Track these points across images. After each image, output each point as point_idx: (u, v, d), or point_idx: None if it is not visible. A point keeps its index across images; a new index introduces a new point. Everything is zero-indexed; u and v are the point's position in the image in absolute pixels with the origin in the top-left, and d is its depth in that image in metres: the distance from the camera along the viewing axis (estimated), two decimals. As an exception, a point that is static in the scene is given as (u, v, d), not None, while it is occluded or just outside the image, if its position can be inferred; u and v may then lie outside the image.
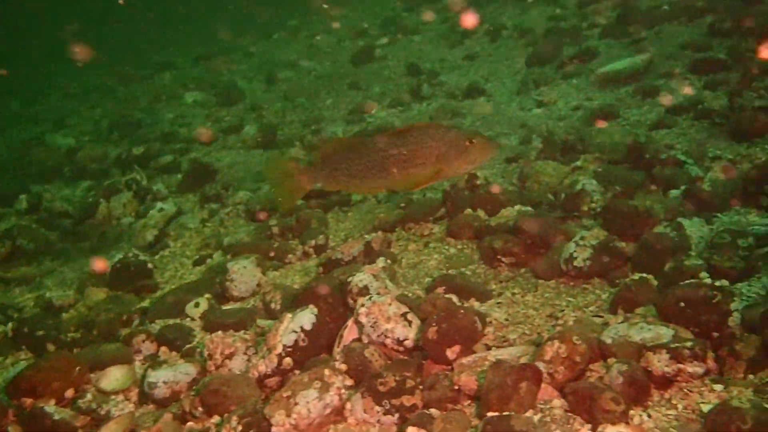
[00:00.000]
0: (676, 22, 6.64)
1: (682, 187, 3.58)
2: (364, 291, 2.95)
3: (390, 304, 2.76)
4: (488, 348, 2.72)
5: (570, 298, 3.03)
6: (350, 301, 2.95)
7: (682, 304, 2.36)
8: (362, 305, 2.76)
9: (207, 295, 3.40)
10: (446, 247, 3.69)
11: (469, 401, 2.39)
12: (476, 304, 3.08)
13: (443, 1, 11.44)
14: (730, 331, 2.30)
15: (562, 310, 2.94)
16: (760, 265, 2.75)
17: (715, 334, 2.31)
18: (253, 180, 5.70)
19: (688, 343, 2.21)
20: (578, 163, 4.19)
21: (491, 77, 7.32)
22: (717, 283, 2.37)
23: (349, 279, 2.99)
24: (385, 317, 2.73)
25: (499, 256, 3.40)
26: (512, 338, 2.79)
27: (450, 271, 3.45)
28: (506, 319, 2.94)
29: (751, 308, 2.36)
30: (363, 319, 2.74)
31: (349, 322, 2.82)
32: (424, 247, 3.74)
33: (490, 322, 2.93)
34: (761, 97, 4.04)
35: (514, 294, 3.16)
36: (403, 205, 4.23)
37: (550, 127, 4.53)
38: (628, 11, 7.46)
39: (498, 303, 3.10)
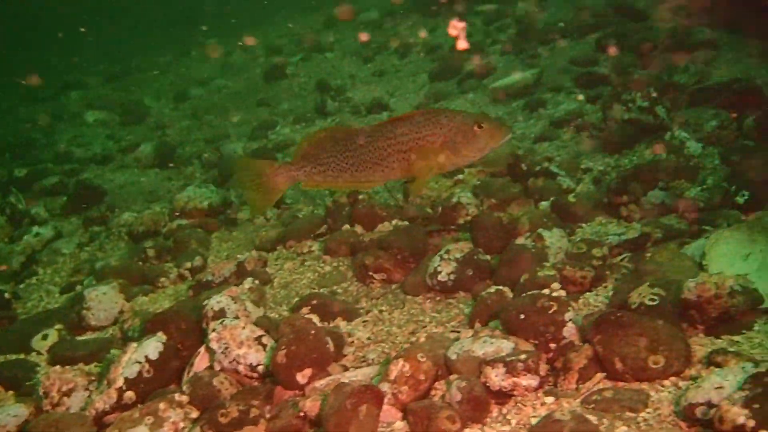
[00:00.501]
0: (568, 39, 6.88)
1: (552, 199, 3.64)
2: (220, 315, 2.81)
3: (243, 328, 2.63)
4: (345, 369, 2.64)
5: (435, 314, 2.99)
6: (205, 326, 2.80)
7: (522, 315, 2.35)
8: (213, 330, 2.62)
9: (58, 326, 3.16)
10: (321, 265, 3.59)
11: (315, 428, 2.29)
12: (342, 324, 3.00)
13: (359, 19, 11.55)
14: (566, 341, 2.30)
15: (425, 326, 2.89)
16: (607, 273, 2.80)
17: (553, 345, 2.31)
18: (144, 200, 5.45)
19: (523, 356, 2.19)
20: (461, 176, 4.20)
21: (396, 92, 7.35)
22: (554, 294, 2.38)
23: (205, 302, 2.84)
24: (237, 342, 2.59)
25: (370, 273, 3.33)
26: (372, 358, 2.71)
27: (322, 290, 3.36)
28: (368, 338, 2.87)
29: (590, 317, 2.37)
30: (214, 345, 2.59)
31: (201, 349, 2.67)
32: (300, 266, 3.64)
33: (352, 342, 2.85)
34: (630, 111, 4.18)
35: (381, 311, 3.09)
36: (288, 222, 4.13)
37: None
38: (526, 28, 7.72)
39: (364, 321, 3.03)
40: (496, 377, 2.17)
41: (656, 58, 5.71)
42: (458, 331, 2.75)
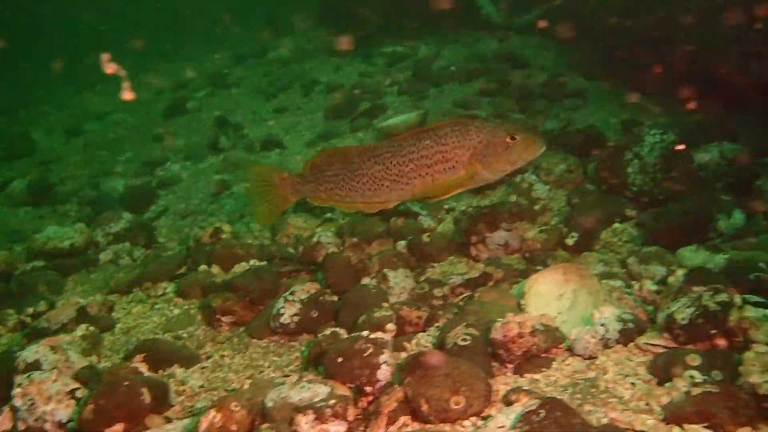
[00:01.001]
0: (457, 82, 7.16)
1: (409, 238, 3.69)
2: (34, 367, 2.62)
3: (54, 381, 2.46)
4: (168, 421, 2.51)
5: (276, 358, 2.92)
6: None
7: (340, 359, 2.33)
8: (18, 385, 2.44)
9: None
10: (171, 308, 3.46)
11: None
12: (179, 371, 2.87)
13: (268, 56, 11.59)
14: (381, 384, 2.29)
15: (262, 372, 2.81)
16: (440, 313, 2.84)
17: (369, 389, 2.29)
18: (7, 240, 5.10)
19: (332, 401, 2.15)
20: (329, 215, 4.20)
21: (292, 130, 7.35)
22: (372, 336, 2.37)
23: (17, 353, 2.64)
24: (45, 397, 2.42)
25: (218, 316, 3.23)
26: (201, 407, 2.60)
27: (167, 335, 3.22)
28: (201, 386, 2.75)
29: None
30: (18, 402, 2.41)
31: (6, 408, 2.47)
32: (150, 309, 3.48)
33: (184, 391, 2.73)
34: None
35: (223, 356, 2.99)
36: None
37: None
38: (420, 71, 7.98)
39: (202, 368, 2.91)
40: (306, 424, 2.12)
41: (533, 104, 6.02)
42: (288, 376, 2.70)
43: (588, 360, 2.32)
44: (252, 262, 3.64)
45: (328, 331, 2.74)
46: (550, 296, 2.71)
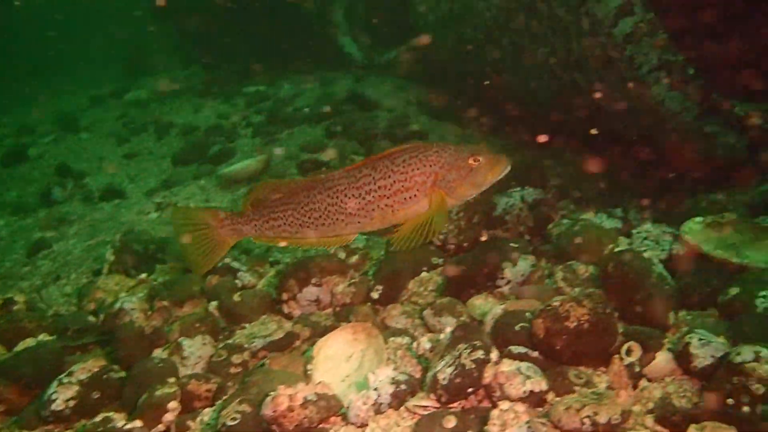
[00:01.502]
0: (308, 124, 7.13)
1: (223, 298, 3.49)
2: None
3: None
4: None
5: (45, 451, 2.60)
6: None
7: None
8: None
9: None
10: (-65, 400, 3.00)
11: None
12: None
13: (125, 98, 11.03)
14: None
15: (24, 470, 2.48)
16: (229, 385, 2.67)
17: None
18: None
19: None
20: (143, 275, 3.92)
21: (138, 177, 6.94)
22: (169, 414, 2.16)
23: None
24: None
25: (-12, 405, 2.84)
26: None
27: None
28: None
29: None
30: None
31: None
32: None
33: None
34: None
35: (-16, 455, 2.62)
36: None
37: (125, 236, 4.23)
38: (275, 112, 7.89)
39: (-44, 472, 2.52)
40: None
41: (376, 146, 6.09)
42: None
43: (360, 428, 2.24)
44: (41, 336, 3.28)
45: (99, 417, 2.48)
46: (340, 358, 2.63)
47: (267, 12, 10.62)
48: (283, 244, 2.76)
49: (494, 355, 2.24)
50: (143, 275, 3.93)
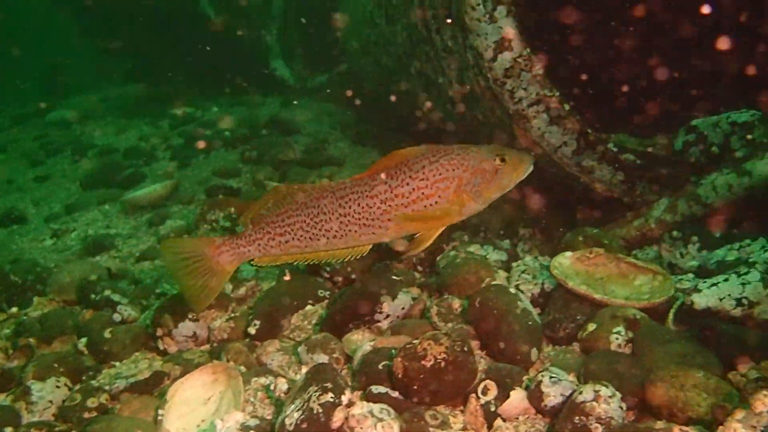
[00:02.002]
0: (227, 149, 6.95)
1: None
2: None
3: None
4: None
5: None
6: None
7: None
8: None
9: None
10: None
11: None
12: None
13: (47, 117, 10.55)
14: None
15: None
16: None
17: None
18: None
19: None
20: (14, 309, 3.63)
21: (44, 201, 6.57)
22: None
23: None
24: None
25: None
26: None
27: None
28: None
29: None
30: None
31: None
32: None
33: None
34: (214, 230, 4.12)
35: None
36: None
37: (4, 266, 3.94)
38: (196, 136, 7.67)
39: None
40: None
41: (291, 171, 5.97)
42: None
43: (201, 480, 2.08)
44: None
45: None
46: (197, 401, 2.47)
47: (201, 33, 10.43)
48: (282, 262, 2.58)
49: (346, 397, 2.13)
50: (14, 309, 3.65)
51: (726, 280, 2.32)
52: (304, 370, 2.77)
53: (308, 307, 3.31)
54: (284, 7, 10.97)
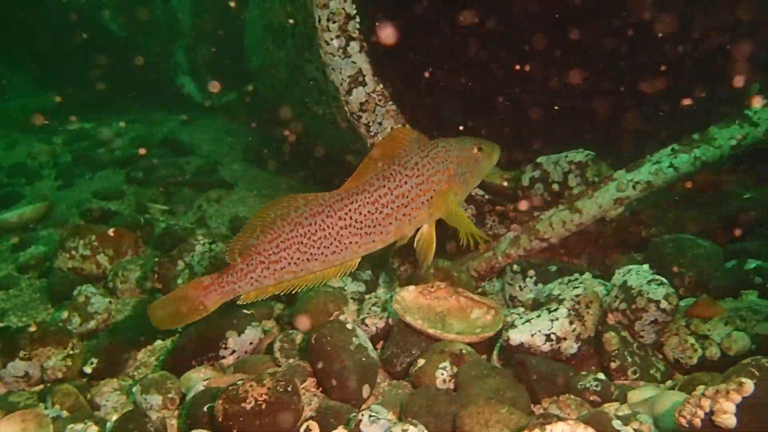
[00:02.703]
0: (113, 168, 6.62)
1: None
2: None
3: None
4: None
5: None
6: None
7: None
8: None
9: None
10: None
11: None
12: None
13: None
14: None
15: None
16: None
17: None
18: None
19: None
20: None
21: None
22: None
23: None
24: None
25: None
26: None
27: None
28: None
29: None
30: None
31: None
32: None
33: None
34: (73, 258, 3.87)
35: None
36: None
37: None
38: (85, 154, 7.29)
39: None
40: None
41: (179, 194, 5.76)
42: None
43: None
44: None
45: None
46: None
47: (104, 46, 9.97)
48: (269, 294, 2.36)
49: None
50: None
51: (539, 316, 2.41)
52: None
53: (157, 342, 3.17)
54: (193, 23, 10.71)
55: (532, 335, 2.37)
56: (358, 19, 3.14)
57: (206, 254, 3.39)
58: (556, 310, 2.41)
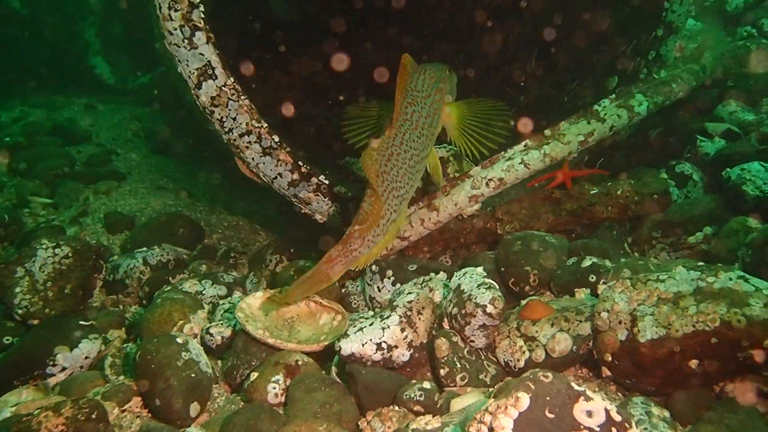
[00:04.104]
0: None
1: None
2: None
3: None
4: None
5: None
6: None
7: None
8: None
9: None
10: None
11: None
12: None
13: None
14: None
15: None
16: None
17: None
18: None
19: None
20: None
21: None
22: None
23: None
24: None
25: None
26: None
27: None
28: None
29: None
30: None
31: None
32: None
33: None
34: None
35: None
36: None
37: None
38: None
39: None
40: None
41: (63, 185, 5.35)
42: None
43: None
44: None
45: None
46: None
47: (11, 23, 9.20)
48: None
49: None
50: None
51: (371, 324, 2.29)
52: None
53: (-10, 358, 2.87)
54: (104, 1, 9.99)
55: (363, 344, 2.25)
56: (202, 8, 2.87)
57: (49, 260, 3.09)
58: (388, 317, 2.29)
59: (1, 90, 9.22)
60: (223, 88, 2.99)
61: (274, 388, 2.32)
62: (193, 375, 2.36)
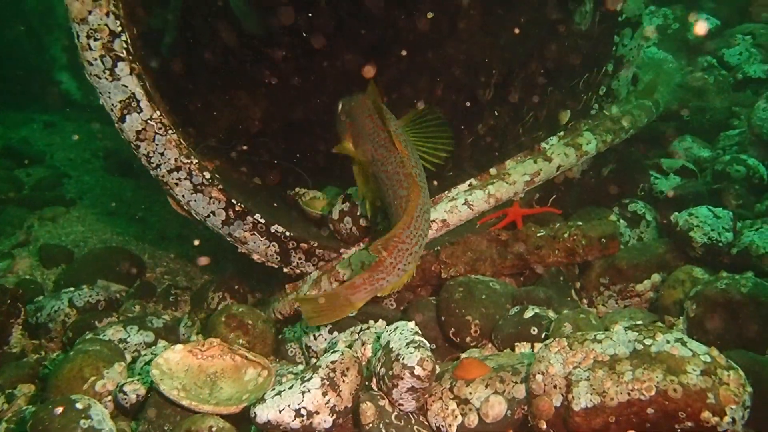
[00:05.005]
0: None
1: None
2: None
3: None
4: None
5: None
6: None
7: None
8: None
9: None
10: None
11: None
12: None
13: None
14: None
15: None
16: None
17: None
18: None
19: None
20: None
21: None
22: None
23: None
24: None
25: None
26: None
27: None
28: None
29: None
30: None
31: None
32: None
33: None
34: None
35: None
36: None
37: None
38: None
39: None
40: None
41: (3, 213, 5.06)
42: None
43: None
44: None
45: None
46: None
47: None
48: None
49: None
50: None
51: (290, 387, 2.07)
52: None
53: None
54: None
55: (281, 411, 2.03)
56: (125, 37, 2.66)
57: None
58: (309, 379, 2.08)
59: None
60: (149, 121, 2.78)
61: (184, 458, 2.08)
62: (93, 444, 2.11)
